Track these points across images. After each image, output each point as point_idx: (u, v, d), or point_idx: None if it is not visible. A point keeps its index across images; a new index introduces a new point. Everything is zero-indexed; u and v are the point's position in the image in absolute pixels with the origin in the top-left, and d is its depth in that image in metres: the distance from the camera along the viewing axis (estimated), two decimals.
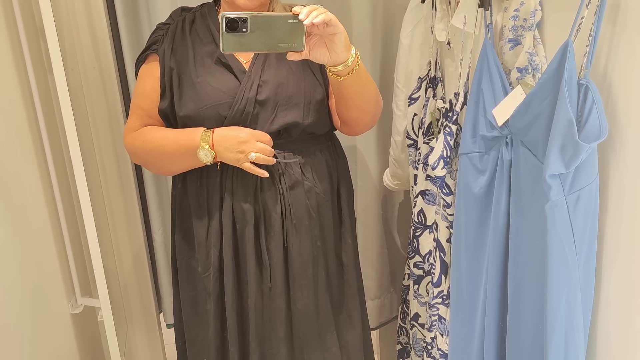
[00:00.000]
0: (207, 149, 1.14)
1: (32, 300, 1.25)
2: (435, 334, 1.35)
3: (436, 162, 1.21)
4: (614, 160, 0.86)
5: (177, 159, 1.19)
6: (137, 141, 1.22)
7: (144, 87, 1.23)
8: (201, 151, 1.14)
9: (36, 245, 1.31)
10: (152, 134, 1.21)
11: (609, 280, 0.91)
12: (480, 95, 1.06)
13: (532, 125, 0.91)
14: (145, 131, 1.22)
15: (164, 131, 1.21)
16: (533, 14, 0.97)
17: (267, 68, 1.18)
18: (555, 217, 0.87)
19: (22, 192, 1.26)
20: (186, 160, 1.18)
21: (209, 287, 1.25)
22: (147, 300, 1.71)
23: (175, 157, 1.19)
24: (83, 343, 1.54)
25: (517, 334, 1.02)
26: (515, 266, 1.01)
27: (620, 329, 0.90)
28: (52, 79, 1.28)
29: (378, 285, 1.80)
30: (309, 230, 1.22)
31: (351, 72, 1.07)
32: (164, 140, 1.19)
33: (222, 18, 0.93)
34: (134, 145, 1.23)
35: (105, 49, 1.48)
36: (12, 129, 1.24)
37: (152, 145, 1.20)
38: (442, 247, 1.28)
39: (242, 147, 1.13)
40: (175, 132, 1.19)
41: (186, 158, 1.17)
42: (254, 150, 1.13)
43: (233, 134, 1.14)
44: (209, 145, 1.14)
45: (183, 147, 1.16)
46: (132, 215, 1.62)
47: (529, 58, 0.99)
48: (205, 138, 1.14)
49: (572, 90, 0.83)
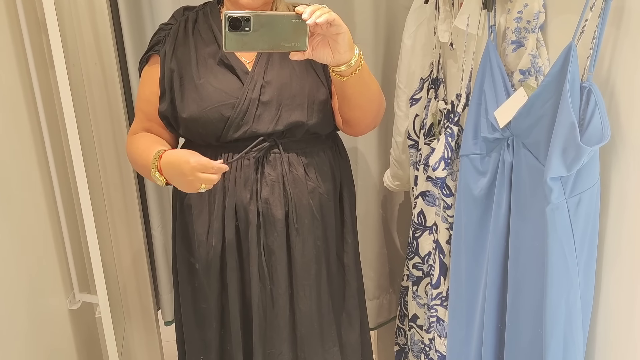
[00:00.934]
0: (157, 175, 1.12)
1: (30, 295, 1.25)
2: (434, 335, 1.35)
3: (437, 163, 1.21)
4: (616, 164, 0.86)
5: (145, 175, 1.20)
6: (128, 147, 1.25)
7: (143, 90, 1.24)
8: (153, 175, 1.13)
9: (35, 241, 1.31)
10: (135, 143, 1.22)
11: (609, 284, 0.91)
12: (483, 96, 1.06)
13: (534, 127, 0.91)
14: (134, 139, 1.24)
15: (141, 142, 1.20)
16: (537, 16, 0.97)
17: (271, 68, 1.18)
18: (555, 220, 0.87)
19: (21, 187, 1.26)
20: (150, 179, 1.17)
21: (209, 287, 1.25)
22: (145, 297, 1.71)
23: (144, 172, 1.20)
24: (80, 339, 1.54)
25: (516, 337, 1.01)
26: (515, 269, 1.01)
27: (619, 333, 0.89)
28: (54, 73, 1.28)
29: (377, 286, 1.80)
30: (312, 230, 1.22)
31: (354, 72, 1.07)
32: (136, 154, 1.20)
33: (225, 17, 0.93)
34: (128, 150, 1.26)
35: (107, 45, 1.48)
36: (13, 123, 1.24)
37: (132, 157, 1.23)
38: (441, 248, 1.28)
39: (186, 180, 1.08)
40: (144, 147, 1.18)
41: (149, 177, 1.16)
42: (200, 182, 1.07)
43: (176, 164, 1.08)
44: (157, 170, 1.12)
45: (144, 166, 1.16)
46: (132, 211, 1.62)
47: (531, 60, 0.98)
48: (154, 163, 1.12)
49: (575, 92, 0.82)
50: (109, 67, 1.50)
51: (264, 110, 1.16)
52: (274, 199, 1.19)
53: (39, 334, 1.28)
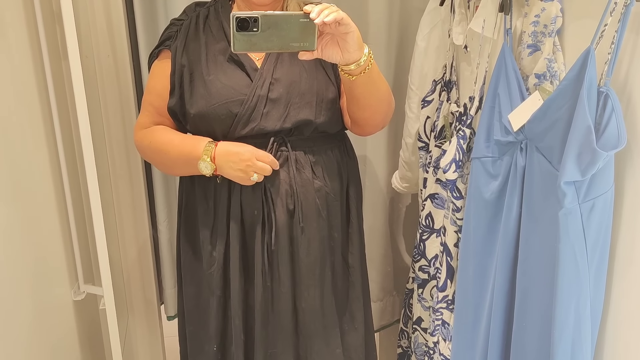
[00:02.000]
0: (208, 162, 1.13)
1: (35, 285, 1.25)
2: (438, 338, 1.34)
3: (448, 165, 1.20)
4: (630, 170, 0.86)
5: (178, 165, 1.20)
6: (145, 140, 1.23)
7: (155, 84, 1.23)
8: (202, 163, 1.14)
9: (42, 231, 1.31)
10: (159, 135, 1.21)
11: (620, 291, 0.90)
12: (497, 99, 1.06)
13: (549, 131, 0.91)
14: (153, 131, 1.22)
15: (170, 135, 1.21)
16: (554, 20, 0.96)
17: (280, 66, 1.18)
18: (568, 225, 0.87)
19: (31, 176, 1.26)
20: (187, 168, 1.19)
21: (212, 284, 1.25)
22: (149, 291, 1.71)
23: (177, 163, 1.19)
24: (83, 330, 1.54)
25: (523, 342, 1.01)
26: (524, 273, 1.00)
27: (629, 341, 0.89)
28: (67, 65, 1.28)
29: (381, 288, 1.79)
30: (318, 230, 1.22)
31: (363, 71, 1.07)
32: (169, 145, 1.19)
33: (233, 18, 0.93)
34: (142, 143, 1.24)
35: (121, 38, 1.48)
36: (25, 114, 1.24)
37: (158, 148, 1.21)
38: (449, 251, 1.27)
39: (242, 166, 1.12)
40: (180, 138, 1.19)
41: (187, 166, 1.17)
42: (255, 170, 1.12)
43: (235, 150, 1.13)
44: (210, 158, 1.13)
45: (185, 155, 1.16)
46: (139, 205, 1.62)
47: (547, 64, 0.98)
48: (207, 150, 1.14)
49: (592, 97, 0.82)
50: (122, 59, 1.50)
51: (272, 107, 1.16)
52: (279, 197, 1.18)
53: (43, 323, 1.28)
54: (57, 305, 1.39)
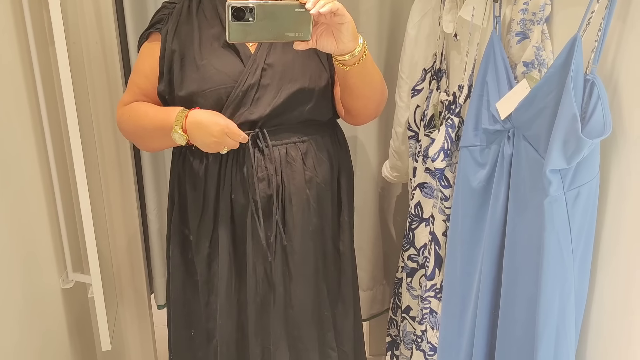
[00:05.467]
0: (180, 133, 1.13)
1: (23, 273, 1.24)
2: (426, 327, 1.35)
3: (436, 154, 1.20)
4: (616, 159, 0.86)
5: (155, 137, 1.19)
6: (124, 115, 1.23)
7: (143, 65, 1.22)
8: (174, 134, 1.14)
9: (30, 219, 1.30)
10: (136, 109, 1.21)
11: (604, 279, 0.91)
12: (485, 88, 1.05)
13: (536, 119, 0.91)
14: (132, 107, 1.22)
15: (146, 108, 1.20)
16: (542, 7, 0.96)
17: (273, 52, 1.17)
18: (553, 213, 0.87)
19: (17, 164, 1.25)
20: (163, 140, 1.18)
21: (198, 272, 1.26)
22: (139, 280, 1.70)
23: (154, 135, 1.19)
24: (72, 319, 1.54)
25: (508, 329, 1.01)
26: (511, 261, 1.00)
27: (612, 328, 0.89)
28: (54, 51, 1.27)
29: (370, 277, 1.80)
30: (309, 221, 1.22)
31: (358, 62, 1.07)
32: (145, 119, 1.19)
33: (228, 7, 0.93)
34: (122, 119, 1.24)
35: (109, 25, 1.46)
36: (11, 102, 1.23)
37: (135, 123, 1.21)
38: (437, 240, 1.28)
39: (211, 141, 1.12)
40: (154, 110, 1.19)
41: (163, 137, 1.17)
42: (225, 145, 1.12)
43: (205, 123, 1.11)
44: (181, 128, 1.13)
45: (159, 126, 1.16)
46: (128, 194, 1.61)
47: (535, 52, 0.98)
48: (178, 120, 1.13)
49: (578, 85, 0.82)
50: (110, 47, 1.48)
51: (263, 93, 1.15)
52: (269, 188, 1.18)
53: (31, 311, 1.28)
54: (46, 294, 1.38)
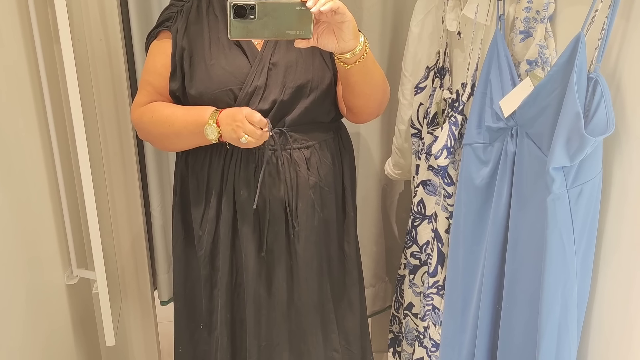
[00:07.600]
0: (213, 126, 1.13)
1: (28, 269, 1.25)
2: (428, 323, 1.36)
3: (439, 151, 1.21)
4: (619, 157, 0.86)
5: (184, 135, 1.19)
6: (145, 116, 1.22)
7: (154, 63, 1.22)
8: (208, 127, 1.13)
9: (34, 215, 1.31)
10: (161, 109, 1.21)
11: (606, 276, 0.91)
12: (488, 86, 1.06)
13: (539, 117, 0.91)
14: (154, 106, 1.22)
15: (172, 107, 1.21)
16: (546, 6, 0.96)
17: (277, 50, 1.18)
18: (556, 211, 0.87)
19: (22, 160, 1.26)
20: (193, 138, 1.18)
21: (202, 267, 1.27)
22: (143, 276, 1.71)
23: (183, 133, 1.18)
24: (76, 314, 1.54)
25: (511, 326, 1.02)
26: (513, 259, 1.01)
27: (614, 325, 0.90)
28: (59, 48, 1.27)
29: (373, 274, 1.80)
30: (314, 225, 1.22)
31: (359, 60, 1.07)
32: (172, 117, 1.18)
33: (230, 5, 0.93)
34: (142, 120, 1.22)
35: (113, 22, 1.47)
36: (16, 97, 1.23)
37: (161, 121, 1.19)
38: (440, 237, 1.28)
39: (234, 126, 1.11)
40: (184, 109, 1.19)
41: (193, 135, 1.17)
42: (245, 131, 1.10)
43: (232, 112, 1.12)
44: (215, 122, 1.13)
45: (191, 123, 1.16)
46: (132, 190, 1.62)
47: (539, 50, 0.98)
48: (213, 116, 1.14)
49: (582, 83, 0.82)
50: (114, 43, 1.49)
51: (269, 92, 1.16)
52: (275, 192, 1.18)
53: (36, 307, 1.28)
54: (50, 290, 1.39)
